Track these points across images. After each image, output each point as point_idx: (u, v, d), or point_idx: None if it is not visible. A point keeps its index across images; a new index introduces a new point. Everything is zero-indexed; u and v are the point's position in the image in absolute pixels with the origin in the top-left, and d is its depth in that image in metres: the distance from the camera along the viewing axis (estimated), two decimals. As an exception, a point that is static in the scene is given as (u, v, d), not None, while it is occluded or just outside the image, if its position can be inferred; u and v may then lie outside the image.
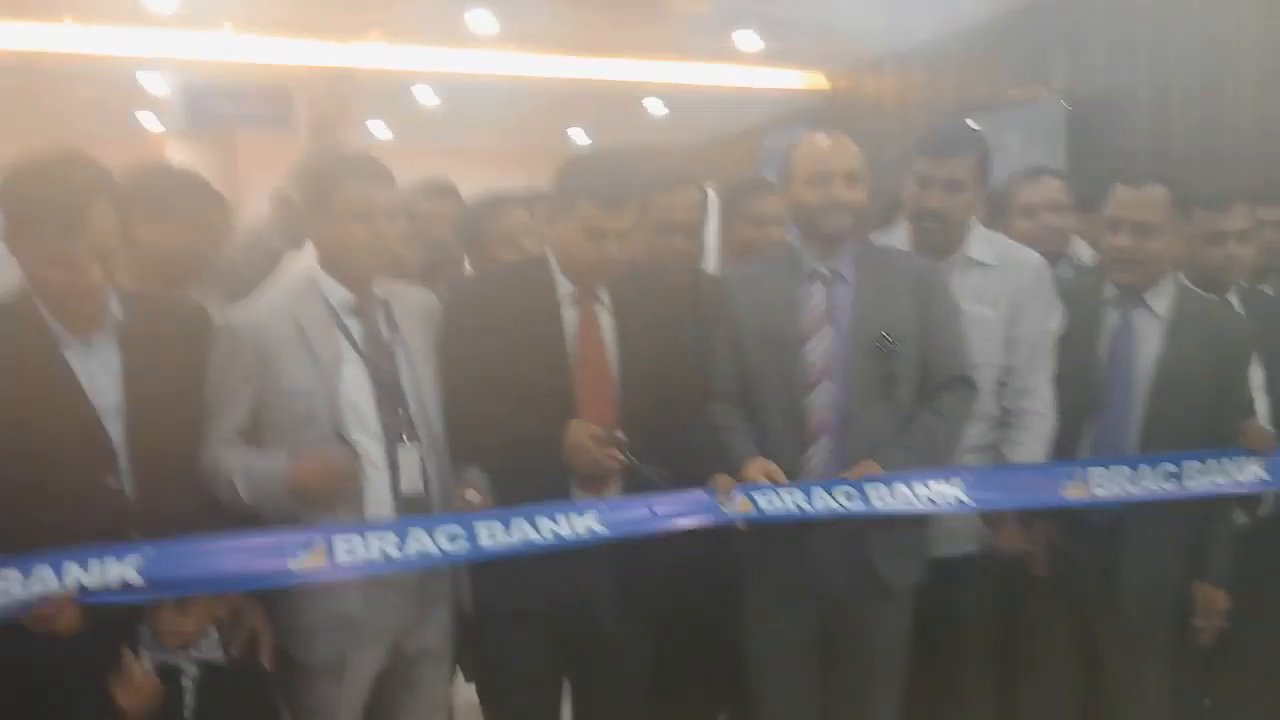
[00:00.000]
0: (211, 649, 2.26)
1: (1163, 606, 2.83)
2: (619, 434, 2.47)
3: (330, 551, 2.26)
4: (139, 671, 2.10)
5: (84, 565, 2.10)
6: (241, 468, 2.33)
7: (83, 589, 2.09)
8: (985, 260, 2.92)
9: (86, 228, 2.13)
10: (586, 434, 2.45)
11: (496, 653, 2.69)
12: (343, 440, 2.39)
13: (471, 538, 2.36)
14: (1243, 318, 2.97)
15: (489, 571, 2.49)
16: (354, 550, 2.27)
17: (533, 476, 2.48)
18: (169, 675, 2.21)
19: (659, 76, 8.74)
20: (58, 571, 2.08)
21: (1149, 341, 2.83)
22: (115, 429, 2.22)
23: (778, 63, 8.65)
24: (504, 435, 2.50)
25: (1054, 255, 3.26)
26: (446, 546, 2.34)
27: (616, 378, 2.59)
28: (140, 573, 2.13)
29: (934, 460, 2.65)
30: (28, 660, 2.11)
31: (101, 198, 2.16)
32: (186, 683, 2.23)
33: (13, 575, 2.07)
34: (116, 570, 2.12)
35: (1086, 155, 6.18)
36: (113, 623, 2.15)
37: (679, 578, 2.64)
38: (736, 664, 2.79)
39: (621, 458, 2.46)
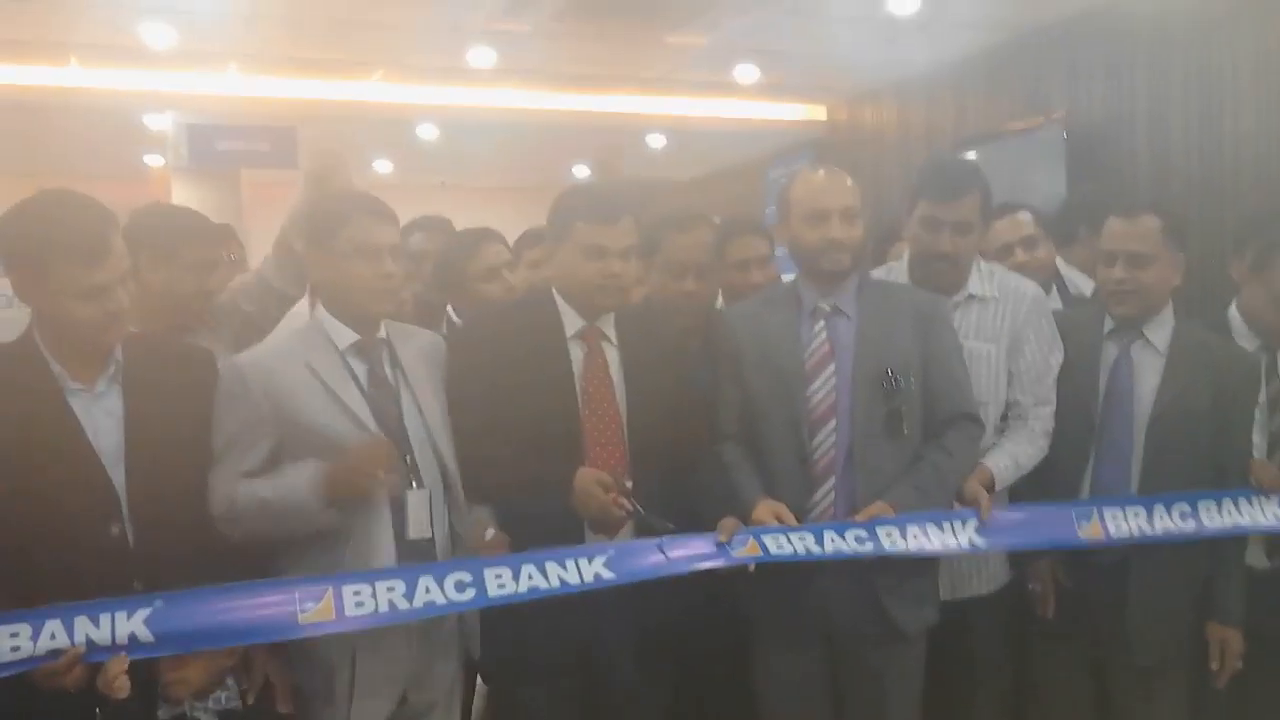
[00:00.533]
0: (231, 699, 2.25)
1: (1172, 646, 2.80)
2: (627, 482, 2.46)
3: (339, 603, 2.24)
4: (116, 667, 2.06)
5: (95, 620, 2.08)
6: (268, 485, 2.31)
7: (92, 645, 2.06)
8: (985, 294, 2.91)
9: (109, 256, 2.15)
10: (594, 481, 2.44)
11: (514, 704, 2.66)
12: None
13: (480, 585, 2.34)
14: (1247, 352, 2.93)
15: (505, 624, 2.49)
16: (363, 602, 2.25)
17: (544, 519, 2.46)
18: None
19: (660, 110, 8.79)
20: (68, 627, 2.06)
21: (1148, 375, 2.81)
22: (119, 476, 2.21)
23: (777, 95, 8.69)
24: (513, 477, 2.49)
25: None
26: (455, 596, 2.32)
27: (624, 415, 2.59)
28: (149, 627, 2.11)
29: (944, 499, 2.63)
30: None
31: (112, 229, 2.19)
32: None
33: (23, 631, 2.05)
34: (125, 625, 2.10)
35: (1086, 184, 6.20)
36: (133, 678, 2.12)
37: (692, 624, 2.63)
38: (751, 710, 2.76)
39: (629, 506, 2.44)
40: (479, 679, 3.10)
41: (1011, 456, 2.78)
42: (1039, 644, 2.95)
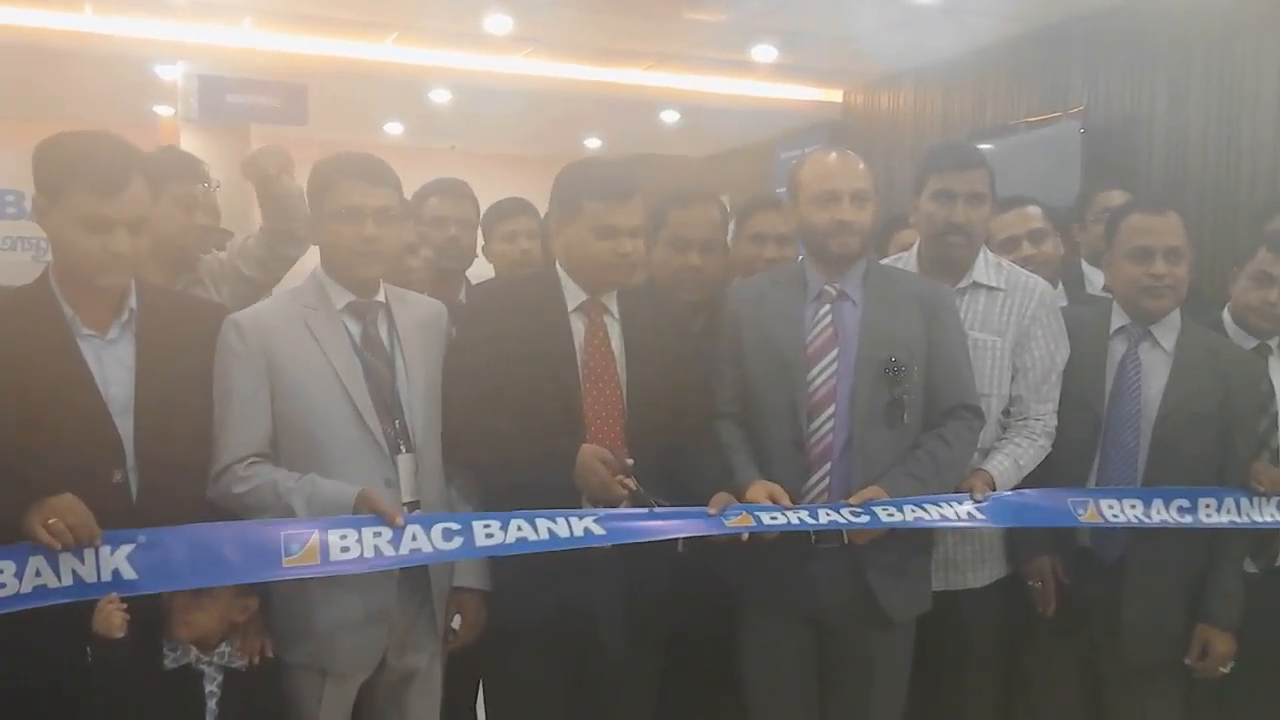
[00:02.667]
0: (235, 656, 2.26)
1: (1167, 647, 2.78)
2: (628, 460, 2.45)
3: (325, 547, 2.24)
4: (111, 607, 2.07)
5: (80, 556, 2.08)
6: (304, 495, 2.31)
7: (78, 581, 2.07)
8: (994, 284, 2.89)
9: (123, 194, 2.16)
10: (596, 457, 2.42)
11: (504, 671, 2.65)
12: (363, 446, 2.39)
13: (468, 535, 2.34)
14: (1253, 356, 2.92)
15: (498, 591, 2.50)
16: (349, 547, 2.25)
17: (542, 494, 2.44)
18: (192, 681, 2.21)
19: (675, 86, 8.74)
20: (53, 564, 2.07)
21: (1155, 375, 2.80)
22: (126, 424, 2.22)
23: (794, 76, 8.64)
24: (513, 451, 2.48)
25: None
26: (442, 544, 2.32)
27: (624, 388, 2.58)
28: (132, 563, 2.11)
29: (939, 489, 2.61)
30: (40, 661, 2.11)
31: (139, 173, 2.21)
32: (210, 687, 2.22)
33: (7, 568, 2.05)
34: (109, 561, 2.10)
35: (1102, 179, 6.16)
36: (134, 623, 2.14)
37: (685, 599, 2.62)
38: (738, 688, 2.76)
39: (630, 484, 2.43)
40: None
41: (1012, 458, 2.76)
42: (1034, 639, 2.94)
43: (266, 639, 2.33)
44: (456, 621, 2.52)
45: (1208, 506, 2.72)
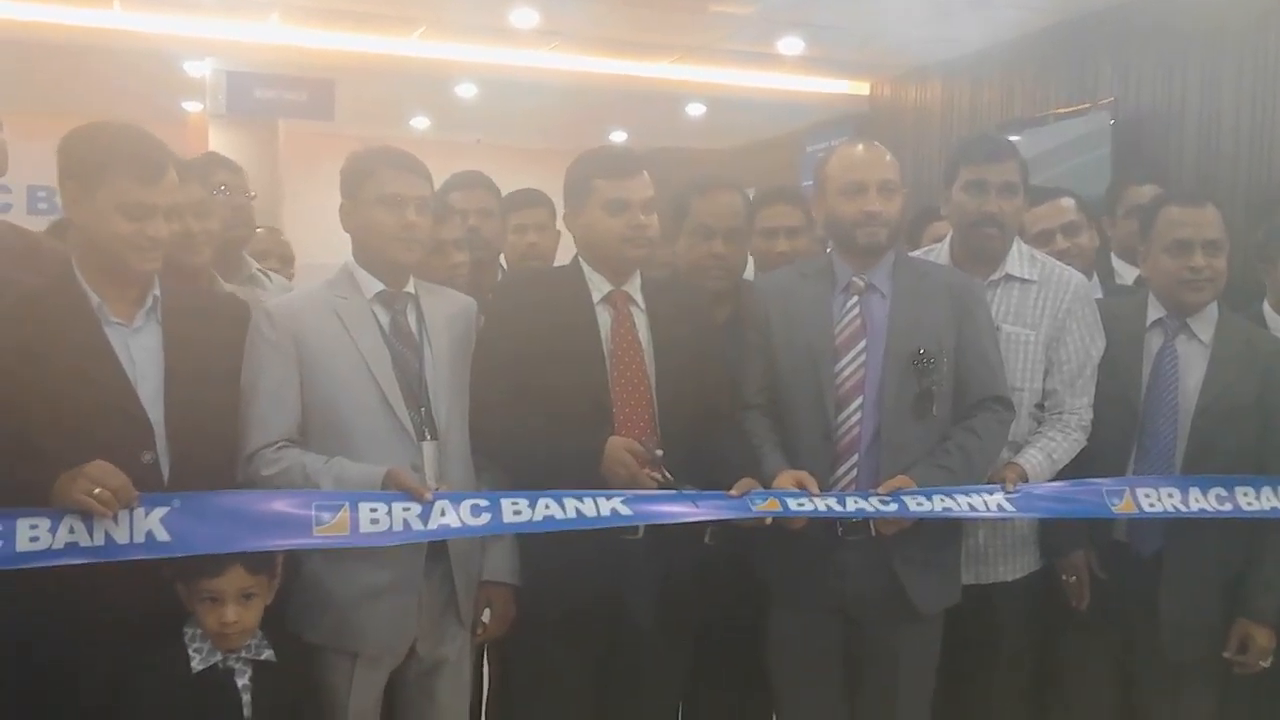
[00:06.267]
0: (262, 647, 2.27)
1: (1204, 643, 2.75)
2: (659, 451, 2.45)
3: (354, 519, 2.27)
4: None
5: (114, 516, 2.12)
6: (332, 476, 2.35)
7: (111, 542, 2.11)
8: (1027, 277, 2.86)
9: (162, 181, 2.25)
10: (625, 449, 2.43)
11: (532, 663, 2.66)
12: (390, 432, 2.42)
13: (496, 511, 2.37)
14: None
15: (527, 580, 2.52)
16: (378, 519, 2.28)
17: (572, 486, 2.44)
18: (224, 678, 2.23)
19: (700, 79, 8.72)
20: (87, 523, 2.11)
21: (1192, 368, 2.77)
22: (156, 408, 2.27)
23: (821, 69, 8.60)
24: (541, 445, 2.49)
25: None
26: (470, 520, 2.35)
27: (652, 379, 2.58)
28: (166, 525, 2.16)
29: (969, 481, 2.60)
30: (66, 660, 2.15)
31: (171, 162, 2.29)
32: (242, 681, 2.24)
33: (42, 524, 2.10)
34: (144, 523, 2.15)
35: (1133, 171, 6.10)
36: (161, 627, 2.19)
37: (712, 590, 2.63)
38: (765, 679, 2.76)
39: (659, 476, 2.43)
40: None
41: (1045, 452, 2.74)
42: (1067, 634, 2.92)
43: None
44: (486, 615, 2.53)
45: (1245, 495, 2.69)
